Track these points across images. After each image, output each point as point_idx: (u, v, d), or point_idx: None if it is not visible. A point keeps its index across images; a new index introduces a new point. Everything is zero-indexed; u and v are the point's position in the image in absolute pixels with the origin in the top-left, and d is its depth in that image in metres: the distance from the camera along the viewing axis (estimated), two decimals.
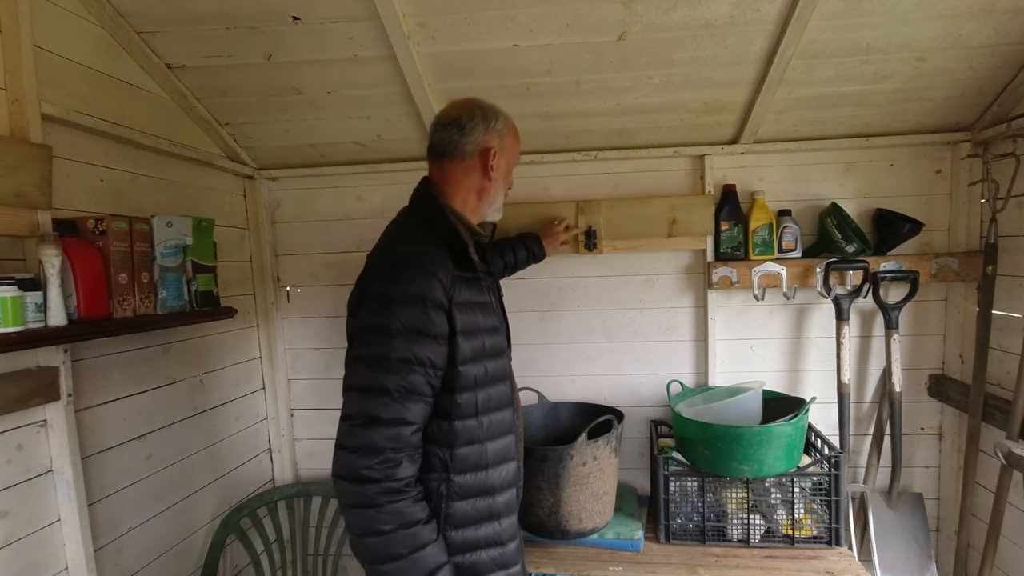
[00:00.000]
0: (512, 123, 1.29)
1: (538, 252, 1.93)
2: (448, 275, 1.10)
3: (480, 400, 1.16)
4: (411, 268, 1.09)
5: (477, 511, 1.16)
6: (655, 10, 1.44)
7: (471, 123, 1.21)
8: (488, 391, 1.18)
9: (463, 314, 1.12)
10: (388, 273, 1.10)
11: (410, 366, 1.05)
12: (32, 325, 1.19)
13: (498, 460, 1.19)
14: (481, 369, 1.15)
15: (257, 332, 2.19)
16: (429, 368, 1.07)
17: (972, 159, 1.89)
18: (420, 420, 1.08)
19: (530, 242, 1.92)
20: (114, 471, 1.51)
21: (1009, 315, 1.79)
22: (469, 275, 1.17)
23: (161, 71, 1.64)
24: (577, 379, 2.17)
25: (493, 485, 1.18)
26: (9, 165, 1.17)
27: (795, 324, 2.07)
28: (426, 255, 1.11)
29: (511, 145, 1.28)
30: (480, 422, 1.16)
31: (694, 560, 1.67)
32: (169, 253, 1.51)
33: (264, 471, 2.20)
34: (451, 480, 1.13)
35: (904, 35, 1.52)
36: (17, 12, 1.23)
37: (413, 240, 1.16)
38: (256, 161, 2.13)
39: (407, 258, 1.11)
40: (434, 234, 1.16)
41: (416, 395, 1.06)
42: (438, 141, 1.23)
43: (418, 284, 1.07)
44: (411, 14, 1.47)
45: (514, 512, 1.25)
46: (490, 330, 1.19)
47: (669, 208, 1.98)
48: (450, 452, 1.13)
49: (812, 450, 1.82)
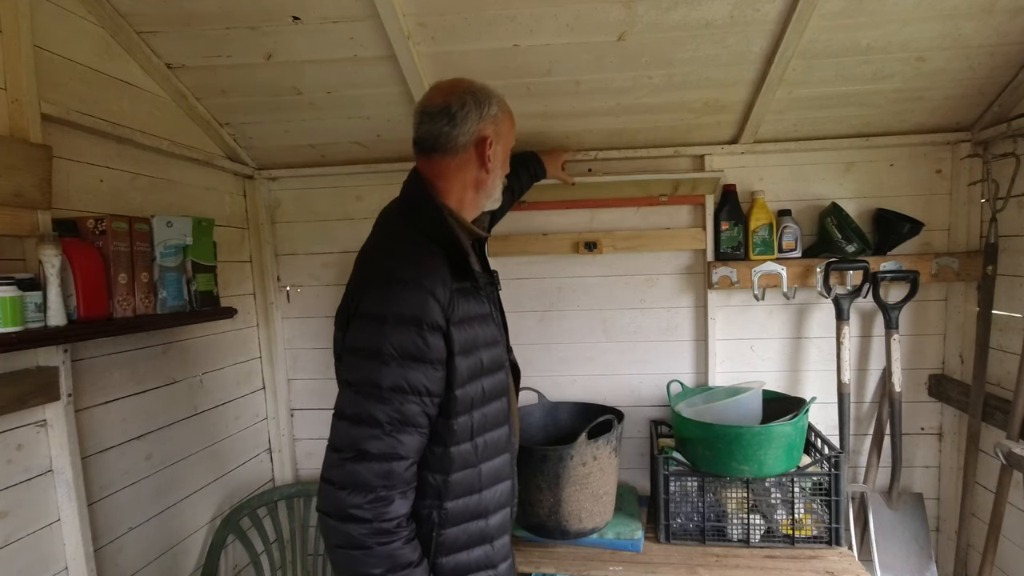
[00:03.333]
0: (505, 103, 1.18)
1: (539, 171, 1.81)
2: (446, 291, 1.01)
3: (476, 421, 1.07)
4: (405, 286, 0.99)
5: (469, 535, 1.09)
6: (655, 10, 1.44)
7: (462, 111, 1.09)
8: (484, 410, 1.09)
9: (461, 332, 1.03)
10: (380, 290, 1.00)
11: (404, 395, 0.96)
12: (32, 325, 1.19)
13: (492, 481, 1.12)
14: (478, 388, 1.07)
15: (257, 332, 2.19)
16: (425, 397, 0.98)
17: (972, 159, 1.89)
18: (415, 454, 0.99)
19: (531, 161, 1.79)
20: (114, 471, 1.51)
21: (1009, 315, 1.79)
22: (468, 285, 1.07)
23: (161, 71, 1.64)
24: (577, 379, 2.17)
25: (487, 507, 1.11)
26: (9, 165, 1.17)
27: (795, 324, 2.07)
28: (422, 270, 1.01)
29: (507, 129, 1.17)
30: (475, 444, 1.08)
31: (694, 560, 1.67)
32: (169, 253, 1.51)
33: (264, 471, 2.20)
34: (443, 507, 1.05)
35: (904, 35, 1.52)
36: (17, 12, 1.23)
37: (407, 251, 1.06)
38: (256, 161, 2.13)
39: (401, 273, 1.01)
40: (429, 241, 1.07)
41: (411, 426, 0.97)
42: (426, 134, 1.11)
43: (413, 304, 0.97)
44: (411, 14, 1.47)
45: (507, 532, 1.18)
46: (489, 344, 1.11)
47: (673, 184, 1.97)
48: (444, 479, 1.05)
49: (812, 450, 1.82)
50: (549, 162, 1.85)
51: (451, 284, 1.02)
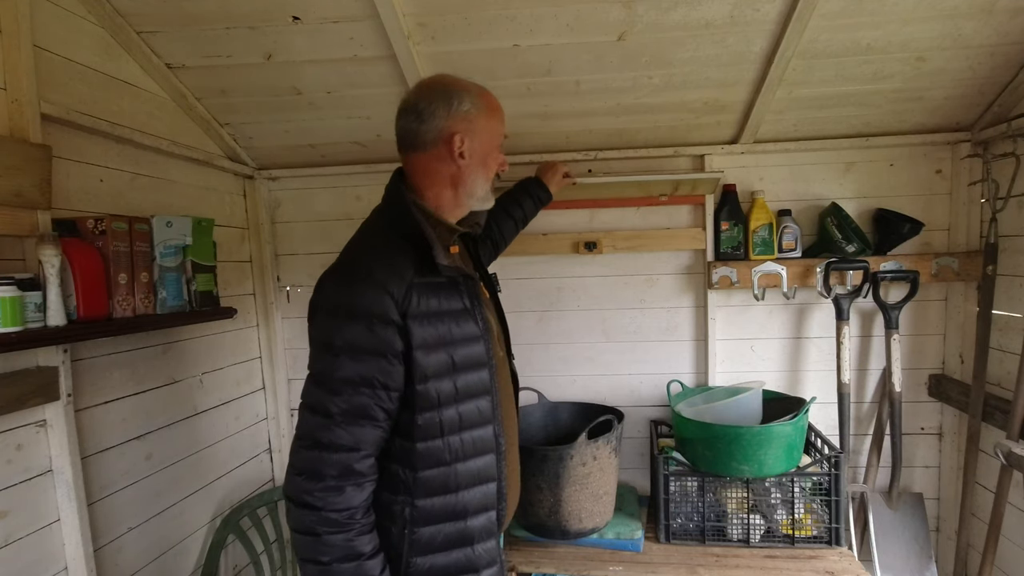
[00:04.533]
0: (486, 99, 1.14)
1: (544, 196, 1.76)
2: (402, 286, 1.00)
3: (446, 419, 1.04)
4: (359, 278, 1.00)
5: (446, 536, 1.07)
6: (655, 10, 1.44)
7: (429, 108, 1.08)
8: (458, 409, 1.06)
9: (423, 327, 1.01)
10: (338, 281, 1.02)
11: (355, 387, 0.96)
12: (31, 325, 1.19)
13: (472, 482, 1.09)
14: (448, 386, 1.04)
15: (257, 332, 2.19)
16: (380, 390, 0.98)
17: (972, 159, 1.89)
18: (369, 446, 0.99)
19: (533, 188, 1.74)
20: (114, 471, 1.51)
21: (1009, 315, 1.79)
22: (441, 279, 1.05)
23: (161, 71, 1.64)
24: (577, 379, 2.17)
25: (465, 508, 1.08)
26: (9, 165, 1.17)
27: (795, 324, 2.07)
28: (377, 264, 1.01)
29: (485, 126, 1.13)
30: (447, 443, 1.05)
31: (694, 560, 1.67)
32: (169, 253, 1.51)
33: (264, 471, 2.20)
34: (415, 504, 1.04)
35: (904, 35, 1.52)
36: (17, 12, 1.23)
37: (371, 244, 1.07)
38: (256, 161, 2.13)
39: (358, 266, 1.02)
40: (396, 235, 1.06)
41: (364, 418, 0.97)
42: (400, 131, 1.12)
43: (365, 297, 0.98)
44: (411, 14, 1.47)
45: (493, 536, 1.13)
46: (463, 341, 1.07)
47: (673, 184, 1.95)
48: (413, 475, 1.04)
49: (812, 450, 1.82)
50: (549, 180, 1.77)
51: (413, 278, 1.02)
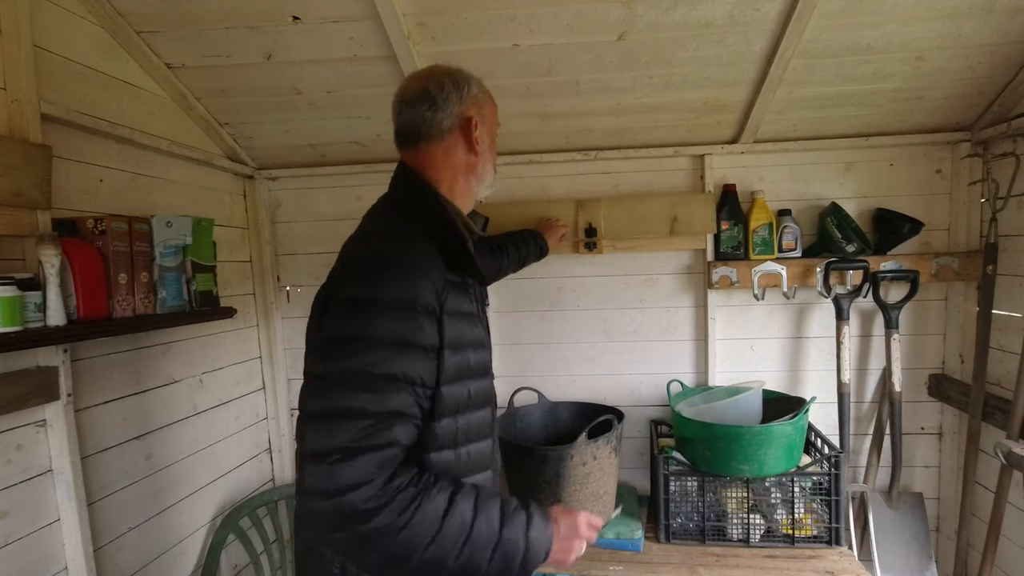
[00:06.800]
0: (484, 86, 1.13)
1: (544, 247, 1.88)
2: (441, 279, 0.92)
3: (460, 428, 0.96)
4: (398, 266, 0.91)
5: None
6: (655, 10, 1.44)
7: (442, 94, 1.03)
8: (469, 418, 0.98)
9: (451, 324, 0.93)
10: (368, 272, 0.91)
11: (397, 384, 0.86)
12: (31, 325, 1.19)
13: None
14: (464, 391, 0.96)
15: (257, 332, 2.19)
16: (419, 387, 0.89)
17: (972, 159, 1.89)
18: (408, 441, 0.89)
19: (539, 237, 1.86)
20: (114, 471, 1.51)
21: (1009, 315, 1.79)
22: (458, 280, 0.98)
23: (161, 71, 1.64)
24: (577, 379, 2.17)
25: None
26: (9, 165, 1.17)
27: (795, 324, 2.07)
28: (419, 253, 0.94)
29: (490, 111, 1.12)
30: (458, 455, 0.97)
31: (694, 560, 1.67)
32: (169, 253, 1.51)
33: (264, 471, 2.20)
34: None
35: (904, 35, 1.52)
36: (17, 12, 1.23)
37: (397, 234, 0.98)
38: (256, 161, 2.13)
39: (392, 254, 0.93)
40: (422, 227, 0.98)
41: (405, 417, 0.87)
42: (408, 123, 1.05)
43: (407, 284, 0.89)
44: (411, 14, 1.47)
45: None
46: (476, 345, 1.00)
47: (670, 206, 1.97)
48: None
49: (812, 450, 1.82)
50: (549, 237, 1.90)
51: (446, 273, 0.95)
